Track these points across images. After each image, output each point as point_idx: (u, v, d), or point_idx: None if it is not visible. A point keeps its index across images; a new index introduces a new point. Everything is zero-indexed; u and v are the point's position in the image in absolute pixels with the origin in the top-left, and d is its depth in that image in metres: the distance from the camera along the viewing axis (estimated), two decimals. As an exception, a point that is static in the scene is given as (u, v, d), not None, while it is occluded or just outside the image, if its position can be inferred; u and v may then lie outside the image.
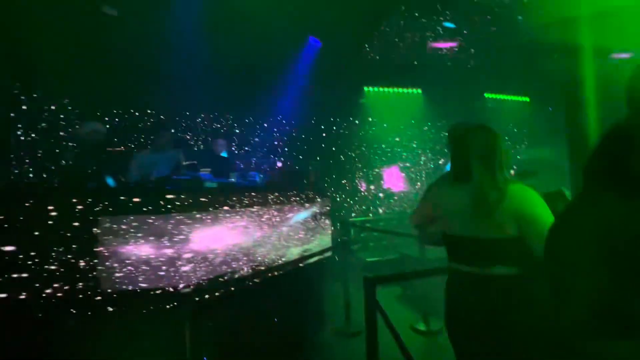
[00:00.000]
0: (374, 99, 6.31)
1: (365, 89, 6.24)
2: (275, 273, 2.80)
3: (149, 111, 5.00)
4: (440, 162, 6.58)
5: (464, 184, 1.37)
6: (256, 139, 5.62)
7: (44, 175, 3.59)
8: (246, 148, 5.49)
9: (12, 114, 3.51)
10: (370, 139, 6.38)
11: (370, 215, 6.19)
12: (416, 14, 4.32)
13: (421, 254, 3.79)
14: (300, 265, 3.07)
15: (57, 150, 3.83)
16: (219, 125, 5.44)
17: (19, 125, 3.64)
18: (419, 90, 6.39)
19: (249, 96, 5.11)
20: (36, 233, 2.05)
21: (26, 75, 3.53)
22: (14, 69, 3.39)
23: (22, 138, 3.63)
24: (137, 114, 4.91)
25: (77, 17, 3.51)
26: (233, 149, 5.36)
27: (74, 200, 2.09)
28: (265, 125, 5.74)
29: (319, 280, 3.42)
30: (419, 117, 6.44)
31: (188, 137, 5.09)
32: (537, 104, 6.56)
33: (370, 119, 6.34)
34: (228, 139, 5.13)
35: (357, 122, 6.27)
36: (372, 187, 6.34)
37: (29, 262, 2.00)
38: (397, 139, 6.47)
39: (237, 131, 5.54)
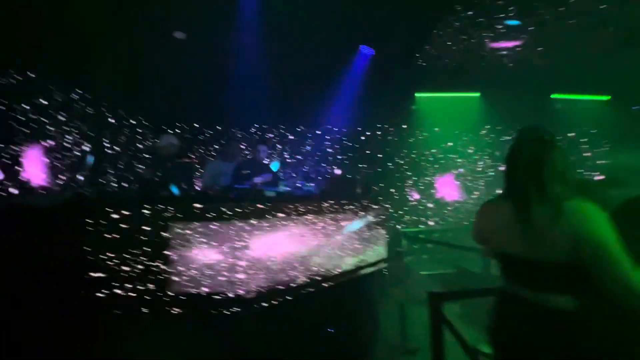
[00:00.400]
0: (426, 105, 6.14)
1: (417, 94, 6.09)
2: (331, 283, 2.79)
3: (211, 124, 5.35)
4: (501, 168, 6.15)
5: (512, 198, 1.27)
6: (307, 148, 5.74)
7: (125, 185, 4.05)
8: (298, 157, 5.62)
9: (101, 129, 4.01)
10: (421, 145, 6.17)
11: (422, 226, 5.97)
12: (474, 13, 4.13)
13: (484, 269, 3.57)
14: (355, 276, 3.04)
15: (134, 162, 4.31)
16: (271, 135, 5.66)
17: (105, 139, 4.16)
18: (477, 94, 6.09)
19: (301, 106, 5.26)
20: (116, 236, 2.27)
21: (111, 94, 4.03)
22: (103, 90, 3.90)
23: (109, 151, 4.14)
24: (196, 126, 5.30)
25: (149, 42, 3.94)
26: (286, 157, 5.52)
27: (148, 207, 2.27)
28: (318, 132, 5.84)
29: (373, 292, 3.36)
30: (477, 121, 6.12)
31: (243, 147, 5.37)
32: (619, 102, 5.86)
33: (421, 125, 6.16)
34: (280, 147, 5.34)
35: (406, 127, 6.11)
36: (423, 196, 6.13)
37: (109, 263, 2.21)
38: (450, 144, 6.18)
39: (289, 139, 5.71)
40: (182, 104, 4.77)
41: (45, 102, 3.31)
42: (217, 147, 5.33)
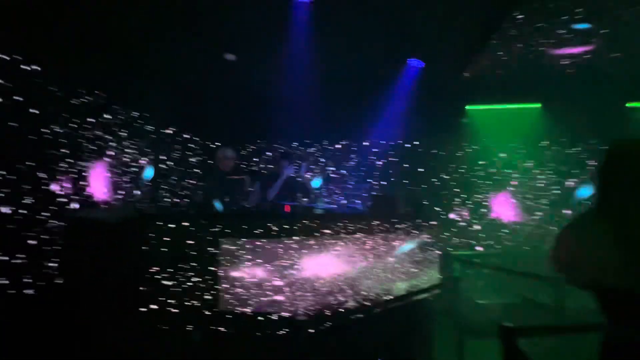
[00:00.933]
0: (478, 118, 5.84)
1: (469, 107, 5.83)
2: (381, 309, 2.68)
3: (258, 140, 5.49)
4: (567, 184, 5.56)
5: (614, 220, 1.10)
6: (351, 163, 5.69)
7: (176, 200, 4.29)
8: (343, 171, 5.60)
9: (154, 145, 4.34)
10: (472, 159, 5.82)
11: (477, 249, 5.53)
12: (534, 17, 3.88)
13: (557, 300, 3.18)
14: (407, 302, 2.92)
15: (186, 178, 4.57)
16: (313, 150, 5.69)
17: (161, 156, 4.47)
18: (537, 105, 5.69)
19: (345, 120, 5.25)
20: (167, 250, 2.34)
21: (164, 111, 4.37)
22: (157, 108, 4.23)
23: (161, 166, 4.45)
24: (251, 146, 5.47)
25: (200, 63, 4.22)
26: (329, 173, 5.52)
27: (199, 222, 2.35)
28: (365, 144, 5.75)
29: (427, 321, 3.17)
30: (537, 134, 5.65)
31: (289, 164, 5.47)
32: None
33: (472, 139, 5.84)
34: (324, 162, 5.32)
35: (455, 141, 5.83)
36: (474, 216, 5.75)
37: (157, 277, 2.27)
38: (504, 156, 5.74)
39: (332, 154, 5.72)
40: (227, 119, 4.96)
41: (109, 119, 3.62)
42: (258, 162, 5.46)
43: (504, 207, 5.70)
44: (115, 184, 3.63)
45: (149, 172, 4.01)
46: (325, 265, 2.50)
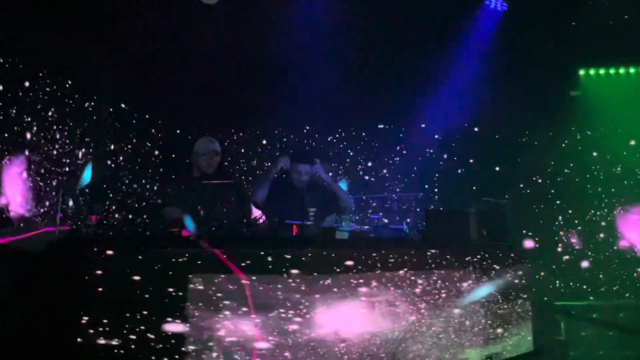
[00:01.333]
0: (596, 88, 5.82)
1: (582, 72, 5.81)
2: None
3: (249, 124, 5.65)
4: None
5: None
6: (395, 160, 5.73)
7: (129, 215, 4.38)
8: (383, 171, 5.64)
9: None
10: (584, 153, 5.80)
11: (592, 298, 5.46)
12: None
13: None
14: None
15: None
16: (334, 140, 5.74)
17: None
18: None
19: (386, 93, 5.27)
20: (104, 291, 2.32)
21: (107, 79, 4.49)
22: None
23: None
24: (239, 134, 5.62)
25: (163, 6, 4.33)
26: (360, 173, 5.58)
27: (158, 249, 2.36)
28: (421, 128, 5.81)
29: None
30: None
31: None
32: None
33: (588, 122, 5.81)
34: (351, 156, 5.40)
35: (557, 124, 5.79)
36: (587, 244, 5.70)
37: (90, 331, 2.23)
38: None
39: (364, 146, 5.77)
40: (204, 93, 5.07)
41: (26, 91, 3.68)
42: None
43: (638, 231, 5.62)
44: (36, 190, 3.67)
45: (87, 174, 4.09)
46: (351, 319, 2.52)
